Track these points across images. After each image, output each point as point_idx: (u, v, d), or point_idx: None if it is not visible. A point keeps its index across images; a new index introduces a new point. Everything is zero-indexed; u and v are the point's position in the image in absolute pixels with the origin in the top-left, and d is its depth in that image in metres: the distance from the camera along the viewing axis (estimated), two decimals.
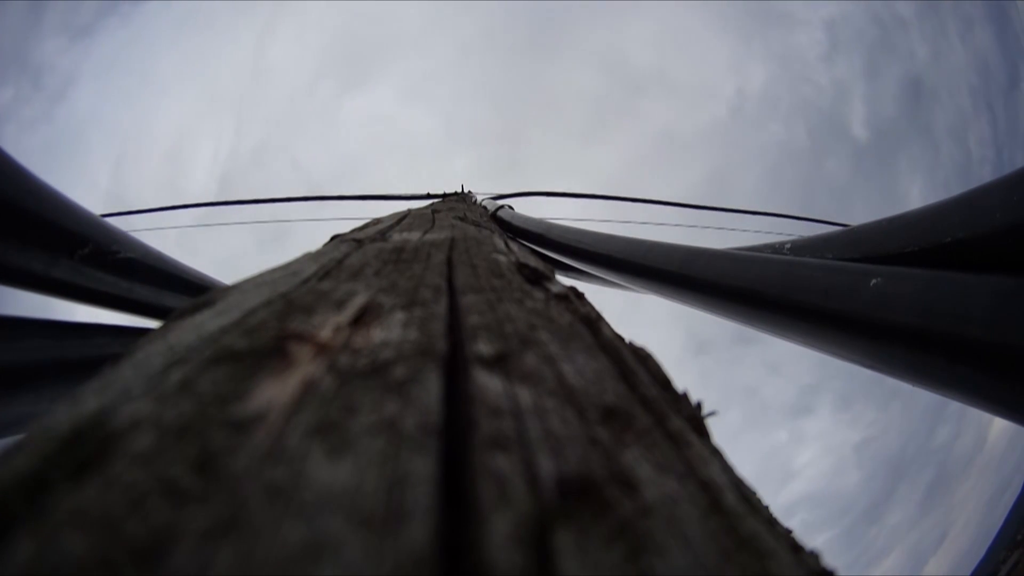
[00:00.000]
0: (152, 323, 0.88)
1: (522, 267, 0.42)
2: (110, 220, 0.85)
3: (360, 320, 0.26)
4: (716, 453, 0.21)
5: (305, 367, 0.20)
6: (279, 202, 3.75)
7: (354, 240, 0.51)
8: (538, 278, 0.39)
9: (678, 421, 0.21)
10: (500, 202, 2.27)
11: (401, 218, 0.83)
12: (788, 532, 0.18)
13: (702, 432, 0.22)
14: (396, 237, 0.54)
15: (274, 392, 0.18)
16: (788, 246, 0.79)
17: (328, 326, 0.24)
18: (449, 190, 3.37)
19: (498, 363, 0.22)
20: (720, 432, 0.23)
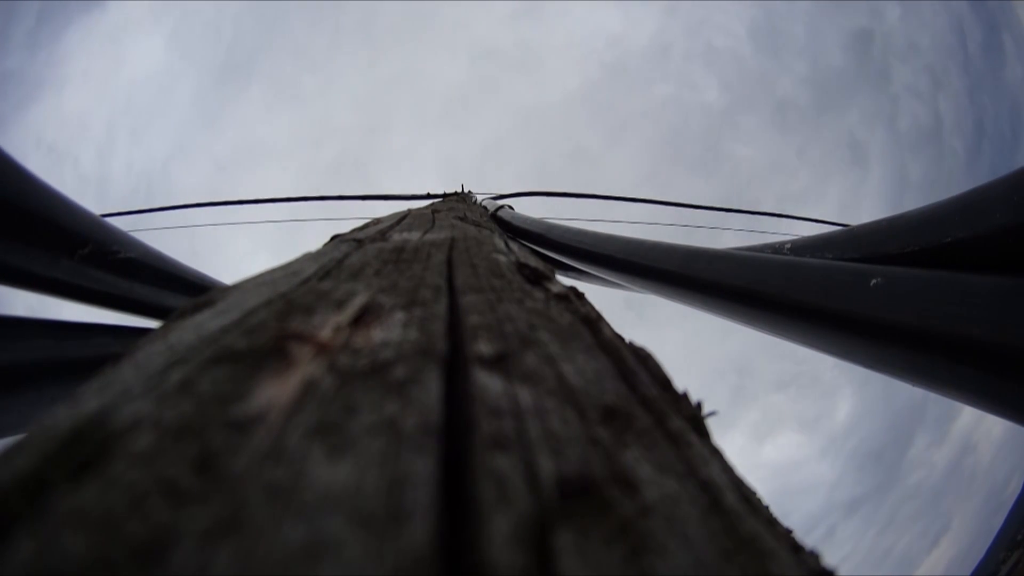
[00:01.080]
0: (152, 323, 0.88)
1: (522, 267, 0.42)
2: (110, 220, 0.84)
3: (360, 320, 0.26)
4: (716, 453, 0.21)
5: (305, 367, 0.20)
6: (279, 202, 3.75)
7: (354, 240, 0.51)
8: (538, 278, 0.39)
9: (678, 421, 0.21)
10: (500, 202, 2.27)
11: (401, 218, 0.83)
12: (788, 532, 0.18)
13: (702, 432, 0.22)
14: (396, 237, 0.54)
15: (274, 392, 0.18)
16: (788, 246, 0.79)
17: (328, 326, 0.24)
18: (445, 189, 3.37)
19: (498, 363, 0.22)
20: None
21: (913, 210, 0.63)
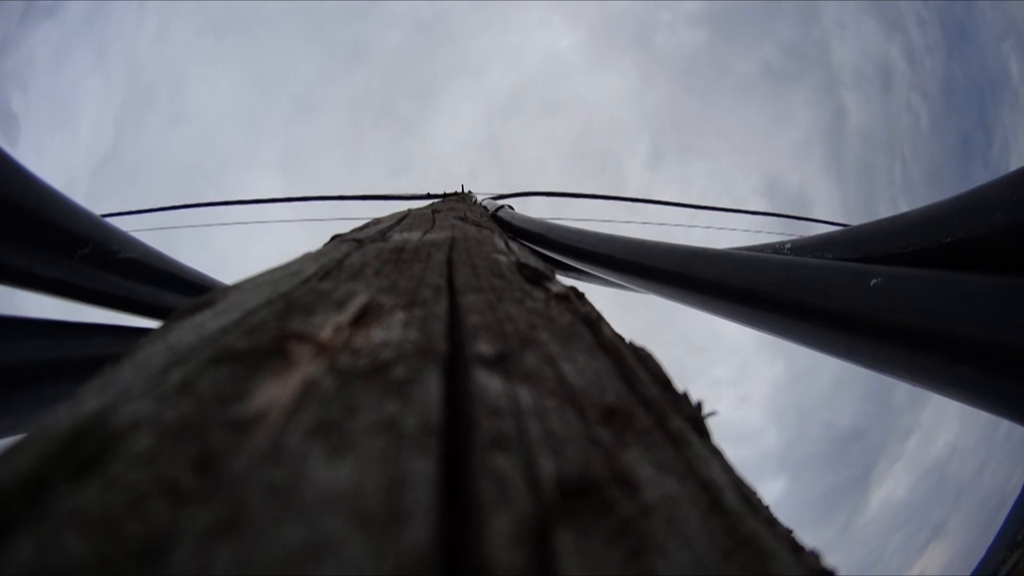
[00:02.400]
0: (152, 323, 0.87)
1: (522, 267, 0.42)
2: (110, 220, 0.84)
3: (360, 320, 0.26)
4: (716, 453, 0.21)
5: (305, 367, 0.20)
6: (279, 202, 3.76)
7: (354, 240, 0.51)
8: (538, 278, 0.39)
9: (678, 421, 0.21)
10: (500, 202, 2.27)
11: (401, 218, 0.83)
12: (788, 532, 0.18)
13: (702, 432, 0.22)
14: (396, 237, 0.54)
15: (274, 392, 0.18)
16: (788, 246, 0.79)
17: (328, 326, 0.24)
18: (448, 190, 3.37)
19: (498, 363, 0.22)
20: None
21: (913, 210, 0.63)
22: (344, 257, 0.41)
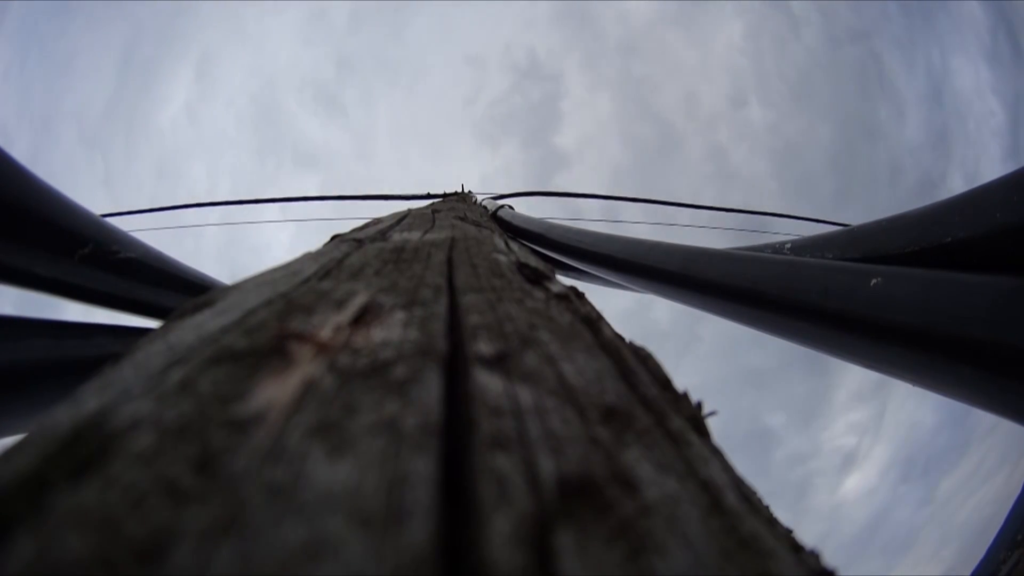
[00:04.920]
0: (152, 323, 0.87)
1: (522, 267, 0.42)
2: (110, 220, 0.84)
3: (360, 320, 0.26)
4: (716, 453, 0.21)
5: (305, 367, 0.20)
6: (279, 202, 3.75)
7: (354, 240, 0.51)
8: (538, 278, 0.39)
9: (678, 421, 0.21)
10: (500, 202, 2.27)
11: (401, 218, 0.83)
12: (788, 532, 0.18)
13: (702, 432, 0.22)
14: (396, 237, 0.54)
15: (274, 392, 0.18)
16: (788, 246, 0.79)
17: (328, 326, 0.24)
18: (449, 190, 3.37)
19: (498, 363, 0.22)
20: None
21: (913, 210, 0.63)
22: (344, 257, 0.41)
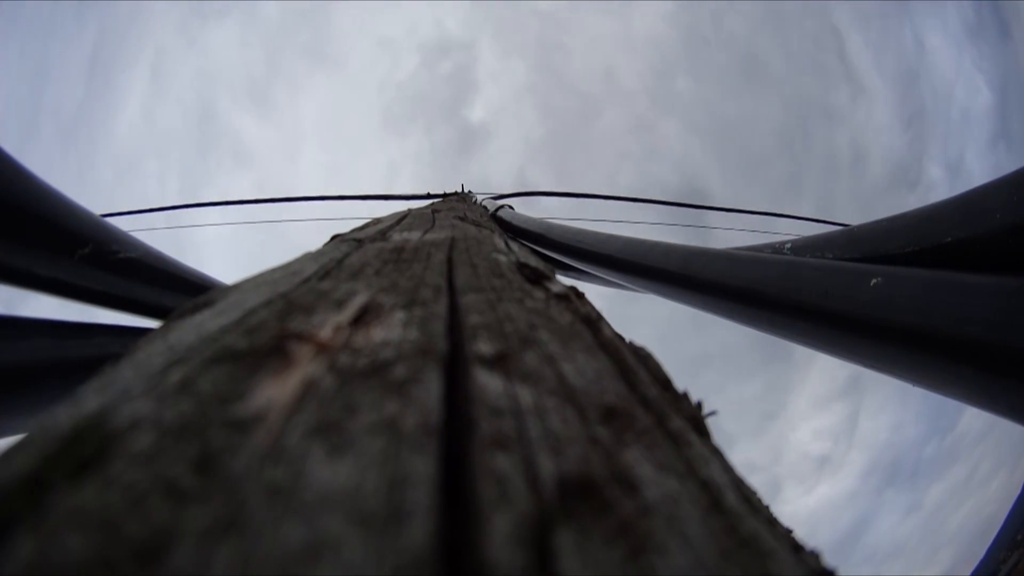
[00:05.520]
0: (152, 323, 0.87)
1: (522, 267, 0.42)
2: (110, 220, 0.84)
3: (360, 320, 0.26)
4: (716, 453, 0.21)
5: (305, 367, 0.20)
6: (278, 202, 3.75)
7: (354, 240, 0.51)
8: (538, 278, 0.39)
9: (678, 421, 0.21)
10: (500, 202, 2.27)
11: (401, 218, 0.83)
12: (788, 532, 0.18)
13: (702, 432, 0.22)
14: (396, 237, 0.54)
15: (274, 392, 0.18)
16: (788, 246, 0.79)
17: (328, 326, 0.24)
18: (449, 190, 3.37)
19: (498, 362, 0.22)
20: None
21: (913, 210, 0.63)
22: (344, 257, 0.41)
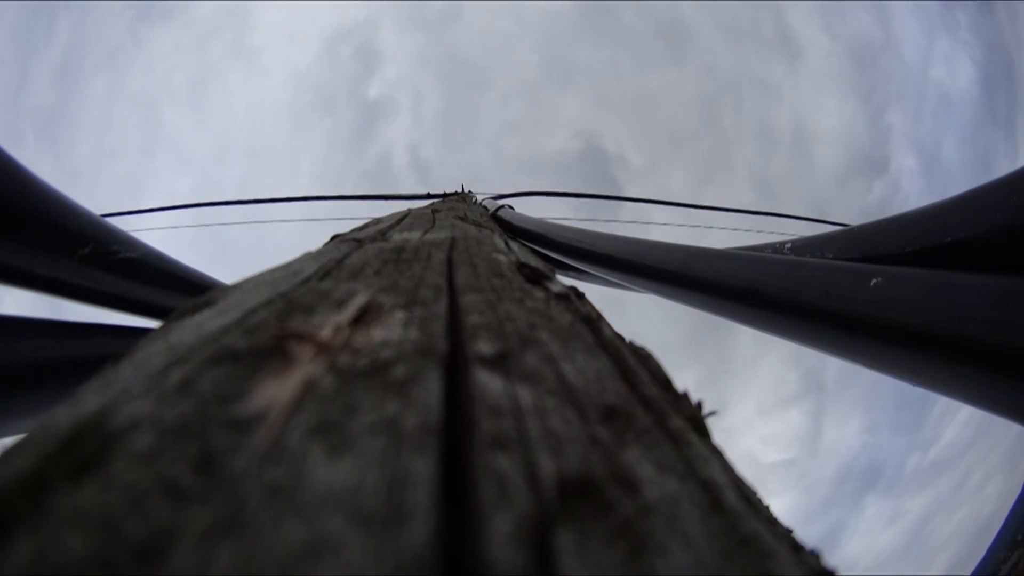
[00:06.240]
0: (152, 323, 0.87)
1: (522, 267, 0.42)
2: (110, 220, 0.84)
3: (360, 319, 0.26)
4: (717, 453, 0.21)
5: (305, 367, 0.20)
6: (279, 202, 3.76)
7: (354, 240, 0.51)
8: (538, 278, 0.39)
9: (679, 421, 0.21)
10: (500, 202, 2.27)
11: (401, 218, 0.83)
12: (789, 532, 0.18)
13: (703, 432, 0.22)
14: (396, 237, 0.54)
15: (274, 392, 0.18)
16: (788, 246, 0.79)
17: (328, 326, 0.24)
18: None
19: (498, 362, 0.22)
20: None
21: (913, 210, 0.63)
22: (344, 257, 0.41)
